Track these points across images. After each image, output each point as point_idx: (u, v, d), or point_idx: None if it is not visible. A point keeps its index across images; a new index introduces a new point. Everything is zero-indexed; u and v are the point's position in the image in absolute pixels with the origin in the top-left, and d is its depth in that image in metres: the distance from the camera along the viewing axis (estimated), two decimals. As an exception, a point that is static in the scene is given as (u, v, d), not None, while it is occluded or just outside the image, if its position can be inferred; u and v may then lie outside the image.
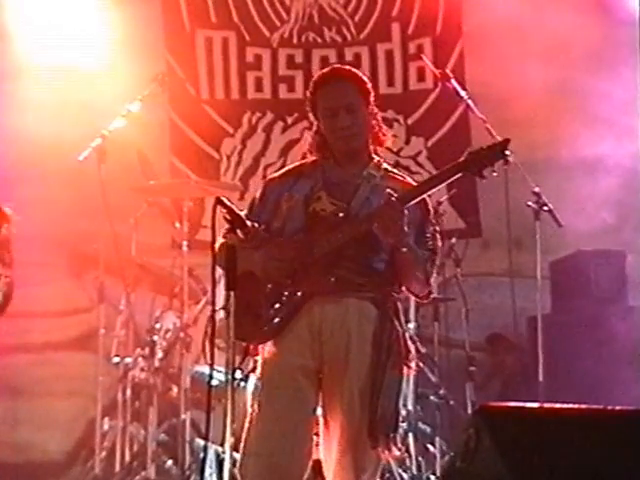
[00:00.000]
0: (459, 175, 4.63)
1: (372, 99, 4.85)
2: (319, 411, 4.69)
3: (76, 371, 7.58)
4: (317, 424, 4.71)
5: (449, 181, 4.72)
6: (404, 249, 4.55)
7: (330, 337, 4.65)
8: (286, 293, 4.67)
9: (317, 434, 4.73)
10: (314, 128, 4.85)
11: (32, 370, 7.72)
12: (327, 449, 4.69)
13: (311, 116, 4.86)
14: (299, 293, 4.66)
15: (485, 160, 4.64)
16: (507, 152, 4.65)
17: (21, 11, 7.92)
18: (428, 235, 4.74)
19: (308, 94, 4.87)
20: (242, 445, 4.64)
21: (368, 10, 8.23)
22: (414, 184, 4.84)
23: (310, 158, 4.91)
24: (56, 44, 7.96)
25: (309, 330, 4.65)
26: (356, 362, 4.63)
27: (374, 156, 4.84)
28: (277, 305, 4.68)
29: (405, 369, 4.72)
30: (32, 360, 7.74)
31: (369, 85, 4.90)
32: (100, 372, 6.94)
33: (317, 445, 4.75)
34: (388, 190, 4.54)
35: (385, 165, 4.87)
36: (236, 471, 4.52)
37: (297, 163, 5.01)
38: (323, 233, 4.65)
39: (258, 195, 4.89)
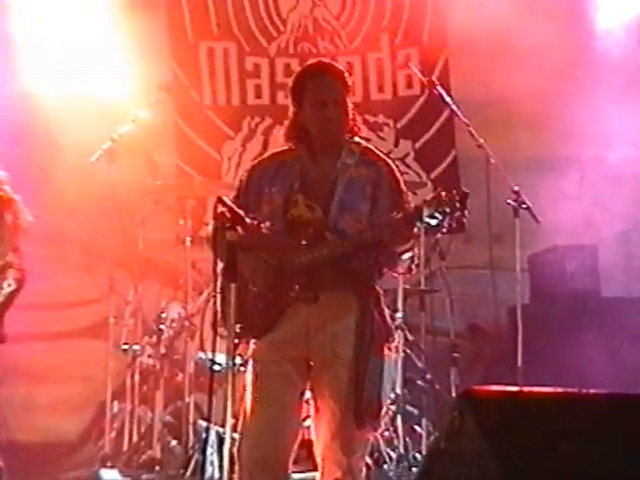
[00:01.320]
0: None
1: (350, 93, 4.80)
2: (308, 395, 4.67)
3: (88, 358, 7.56)
4: (308, 408, 4.72)
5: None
6: (406, 253, 4.59)
7: (316, 332, 4.63)
8: (271, 295, 4.66)
9: (308, 417, 4.73)
10: (291, 116, 4.74)
11: (47, 357, 7.70)
12: (317, 431, 4.67)
13: (291, 103, 4.73)
14: (285, 297, 4.63)
15: (445, 206, 4.47)
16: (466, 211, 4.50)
17: (42, 24, 7.92)
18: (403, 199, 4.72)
19: (294, 82, 4.75)
20: (239, 427, 4.64)
21: (359, 22, 8.21)
22: (385, 159, 4.80)
23: (291, 148, 4.82)
24: (70, 56, 7.94)
25: (297, 327, 4.63)
26: (342, 351, 4.61)
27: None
28: (264, 305, 4.66)
29: (387, 352, 4.72)
30: (47, 347, 7.71)
31: (349, 81, 4.86)
32: (110, 358, 6.94)
33: (309, 428, 4.76)
34: (396, 215, 4.48)
35: (358, 141, 4.77)
36: (234, 450, 4.51)
37: (279, 149, 4.90)
38: (305, 241, 4.63)
39: (244, 184, 4.82)
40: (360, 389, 4.57)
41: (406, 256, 4.65)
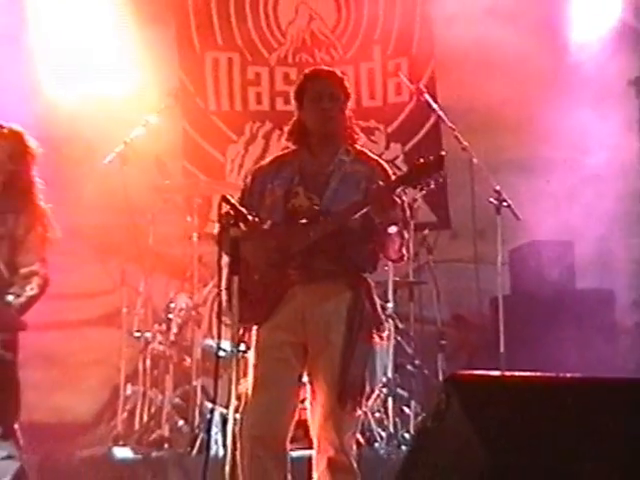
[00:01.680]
0: (403, 186, 4.55)
1: (348, 106, 4.83)
2: (305, 379, 4.68)
3: (103, 344, 7.55)
4: (304, 390, 4.71)
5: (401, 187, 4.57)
6: (392, 226, 4.54)
7: (311, 318, 4.64)
8: (270, 282, 4.66)
9: (305, 399, 4.73)
10: (295, 117, 4.81)
11: (65, 343, 7.70)
12: (313, 413, 4.69)
13: (295, 105, 4.80)
14: (282, 282, 4.64)
15: (423, 174, 4.51)
16: (441, 171, 4.56)
17: (60, 35, 7.93)
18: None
19: (296, 86, 4.84)
20: (240, 408, 4.63)
21: (353, 34, 8.21)
22: (378, 160, 4.84)
23: (291, 148, 4.87)
24: (86, 64, 7.94)
25: (294, 312, 4.65)
26: (334, 338, 4.63)
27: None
28: (264, 292, 4.67)
29: (377, 340, 4.77)
30: (65, 335, 7.72)
31: (349, 90, 4.88)
32: (123, 345, 6.93)
33: (305, 409, 4.76)
34: (380, 182, 4.53)
35: (356, 147, 4.83)
36: (236, 429, 4.50)
37: (279, 153, 4.97)
38: (301, 228, 4.63)
39: (248, 186, 4.85)
40: (345, 372, 4.58)
41: (392, 229, 4.62)
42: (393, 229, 4.61)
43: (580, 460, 2.65)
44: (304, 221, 4.63)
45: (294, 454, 4.77)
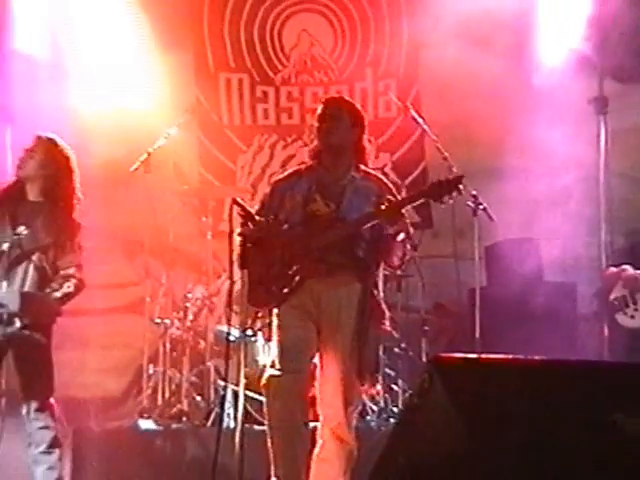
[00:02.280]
0: (423, 200, 4.69)
1: (363, 128, 4.91)
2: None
3: (128, 329, 7.56)
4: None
5: (420, 201, 4.74)
6: (401, 235, 4.66)
7: (326, 306, 4.68)
8: (290, 273, 4.67)
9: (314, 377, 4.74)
10: (313, 144, 4.91)
11: (96, 328, 7.69)
12: (322, 388, 4.70)
13: (314, 134, 4.88)
14: (301, 274, 4.66)
15: (444, 191, 4.59)
16: (460, 187, 4.61)
17: (91, 56, 7.93)
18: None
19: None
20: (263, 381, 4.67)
21: (347, 58, 8.19)
22: (385, 180, 4.95)
23: (308, 163, 4.94)
24: (114, 83, 7.95)
25: (311, 299, 4.69)
26: (345, 324, 4.68)
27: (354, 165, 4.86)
28: (284, 281, 4.68)
29: (384, 327, 4.84)
30: (96, 321, 7.70)
31: (361, 114, 4.97)
32: (146, 330, 6.90)
33: (313, 385, 4.76)
34: (388, 197, 4.63)
35: (363, 167, 4.89)
36: (247, 405, 4.52)
37: (296, 167, 5.07)
38: (320, 229, 4.66)
39: (268, 193, 4.92)
40: (362, 353, 4.62)
41: (401, 236, 4.67)
42: (401, 236, 4.66)
43: (544, 435, 2.64)
44: (322, 224, 4.69)
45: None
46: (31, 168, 5.43)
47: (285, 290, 4.69)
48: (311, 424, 4.84)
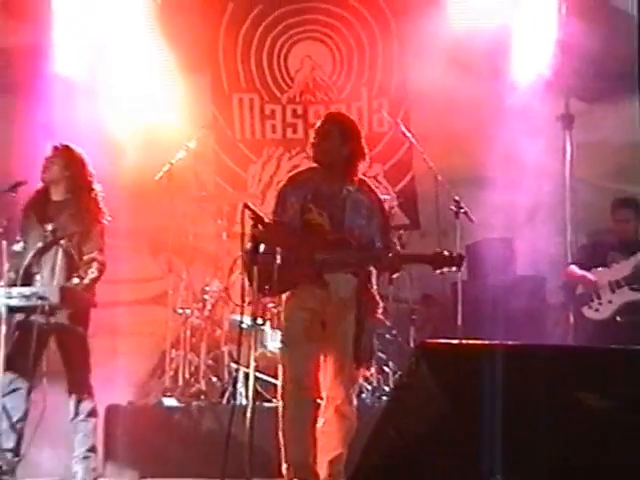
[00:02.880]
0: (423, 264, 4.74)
1: (356, 144, 4.82)
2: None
3: (153, 319, 7.53)
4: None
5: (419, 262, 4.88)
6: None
7: (328, 302, 4.66)
8: (294, 273, 4.66)
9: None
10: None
11: (125, 318, 7.68)
12: (325, 373, 4.69)
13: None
14: (302, 280, 4.67)
15: (446, 264, 4.61)
16: (460, 266, 4.64)
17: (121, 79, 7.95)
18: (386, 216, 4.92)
19: None
20: (281, 371, 4.69)
21: (345, 80, 8.16)
22: (376, 192, 4.91)
23: (302, 167, 5.02)
24: (140, 101, 7.95)
25: (314, 296, 4.65)
26: (346, 315, 4.64)
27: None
28: (287, 283, 4.68)
29: (379, 316, 4.85)
30: (125, 311, 7.70)
31: (354, 130, 4.88)
32: (169, 319, 6.92)
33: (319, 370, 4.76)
34: (397, 250, 4.82)
35: (359, 177, 4.85)
36: (257, 385, 4.52)
37: (295, 172, 5.03)
38: (321, 241, 4.65)
39: (277, 200, 4.87)
40: (359, 342, 4.62)
41: (395, 275, 4.90)
42: (396, 275, 4.87)
43: (517, 410, 2.64)
44: (320, 234, 4.70)
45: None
46: (54, 172, 5.58)
47: (285, 285, 4.68)
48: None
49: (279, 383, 4.75)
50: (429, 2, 7.77)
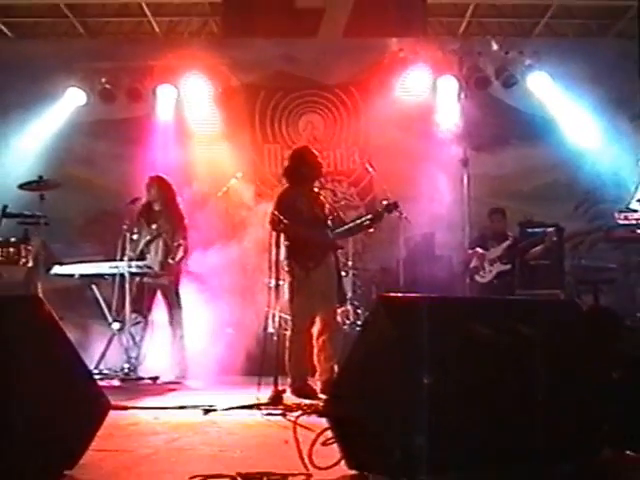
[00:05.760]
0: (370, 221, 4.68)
1: (304, 165, 4.72)
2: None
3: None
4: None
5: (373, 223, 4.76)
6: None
7: (319, 274, 4.58)
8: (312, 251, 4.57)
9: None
10: None
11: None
12: (319, 310, 4.62)
13: None
14: (323, 249, 4.62)
15: (382, 215, 4.60)
16: (399, 208, 4.47)
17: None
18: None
19: None
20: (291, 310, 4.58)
21: (332, 136, 8.03)
22: (323, 194, 4.92)
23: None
24: (207, 145, 7.90)
25: (307, 276, 4.59)
26: (329, 275, 4.53)
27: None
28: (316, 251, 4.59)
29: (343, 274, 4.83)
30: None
31: (305, 159, 4.78)
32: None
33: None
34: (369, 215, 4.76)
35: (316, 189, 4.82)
36: (282, 321, 4.45)
37: (286, 190, 4.87)
38: (325, 231, 4.59)
39: (278, 204, 4.74)
40: (339, 288, 4.63)
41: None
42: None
43: (457, 340, 2.50)
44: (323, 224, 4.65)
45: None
46: (153, 194, 5.72)
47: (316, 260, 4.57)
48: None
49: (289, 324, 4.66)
50: (382, 87, 7.80)
